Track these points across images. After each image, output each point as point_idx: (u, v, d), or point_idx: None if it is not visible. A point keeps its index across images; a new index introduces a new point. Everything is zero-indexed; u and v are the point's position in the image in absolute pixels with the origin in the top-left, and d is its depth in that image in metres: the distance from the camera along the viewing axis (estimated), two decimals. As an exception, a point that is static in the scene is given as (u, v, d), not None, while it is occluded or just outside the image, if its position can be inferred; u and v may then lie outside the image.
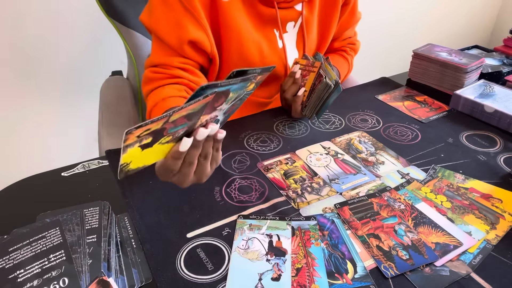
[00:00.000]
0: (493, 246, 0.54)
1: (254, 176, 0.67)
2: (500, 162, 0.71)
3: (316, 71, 0.76)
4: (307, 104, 0.78)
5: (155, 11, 0.75)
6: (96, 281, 0.45)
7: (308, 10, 0.86)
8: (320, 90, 0.74)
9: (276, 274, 0.50)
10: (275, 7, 0.80)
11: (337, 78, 0.74)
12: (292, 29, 0.86)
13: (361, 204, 0.61)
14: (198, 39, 0.75)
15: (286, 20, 0.84)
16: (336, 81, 0.73)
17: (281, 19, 0.83)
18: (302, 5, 0.84)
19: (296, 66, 0.80)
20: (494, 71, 0.99)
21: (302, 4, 0.84)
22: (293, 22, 0.85)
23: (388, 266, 0.51)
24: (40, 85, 1.40)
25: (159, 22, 0.74)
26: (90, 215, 0.55)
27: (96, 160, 0.71)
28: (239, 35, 0.79)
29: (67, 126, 1.53)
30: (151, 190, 0.64)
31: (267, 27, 0.83)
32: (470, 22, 2.39)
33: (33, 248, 0.49)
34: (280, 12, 0.81)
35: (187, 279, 0.49)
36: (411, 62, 1.02)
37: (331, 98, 0.75)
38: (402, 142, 0.77)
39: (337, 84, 0.73)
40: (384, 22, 2.05)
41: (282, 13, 0.82)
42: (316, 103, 0.76)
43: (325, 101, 0.75)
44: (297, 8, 0.84)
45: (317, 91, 0.75)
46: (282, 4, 0.81)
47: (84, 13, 1.33)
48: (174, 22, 0.74)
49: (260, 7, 0.79)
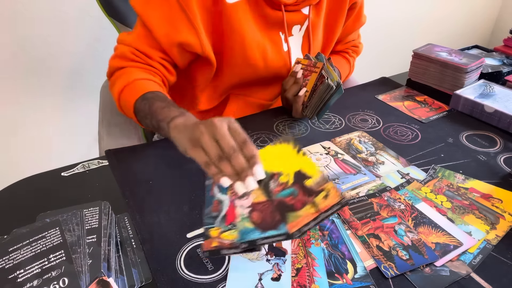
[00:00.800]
0: (493, 246, 0.54)
1: (254, 176, 0.67)
2: (500, 162, 0.71)
3: (318, 72, 0.76)
4: (308, 104, 0.77)
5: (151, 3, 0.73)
6: (96, 281, 0.45)
7: (315, 13, 0.85)
8: (321, 91, 0.74)
9: (276, 274, 0.50)
10: (282, 10, 0.80)
11: (339, 79, 0.73)
12: (298, 32, 0.86)
13: (361, 204, 0.61)
14: (188, 42, 0.74)
15: (292, 23, 0.84)
16: (337, 82, 0.73)
17: (288, 22, 0.82)
18: (309, 9, 0.83)
19: (297, 65, 0.79)
20: (494, 71, 0.99)
21: (309, 8, 0.83)
22: (299, 25, 0.85)
23: (388, 266, 0.51)
24: (40, 85, 1.40)
25: (153, 14, 0.72)
26: (90, 215, 0.55)
27: (96, 160, 0.71)
28: (243, 37, 0.78)
29: (67, 126, 1.53)
30: (151, 190, 0.64)
31: (273, 30, 0.82)
32: (470, 22, 2.39)
33: (33, 248, 0.49)
34: (286, 15, 0.81)
35: (187, 279, 0.49)
36: (411, 62, 1.02)
37: (333, 99, 0.75)
38: (402, 142, 0.77)
39: (338, 85, 0.73)
40: (384, 22, 2.05)
41: (288, 16, 0.81)
42: (317, 103, 0.76)
43: (327, 102, 0.75)
44: (304, 12, 0.83)
45: (319, 92, 0.74)
46: (289, 7, 0.80)
47: (84, 13, 1.33)
48: (168, 19, 0.72)
49: (267, 9, 0.79)
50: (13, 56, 1.31)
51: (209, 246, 0.48)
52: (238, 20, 0.76)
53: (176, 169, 0.68)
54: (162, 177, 0.66)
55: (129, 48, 0.75)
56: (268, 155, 0.55)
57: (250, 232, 0.47)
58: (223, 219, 0.51)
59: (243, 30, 0.77)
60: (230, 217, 0.50)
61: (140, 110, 0.70)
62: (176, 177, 0.66)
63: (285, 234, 0.45)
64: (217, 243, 0.48)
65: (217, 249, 0.47)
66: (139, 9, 0.74)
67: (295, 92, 0.79)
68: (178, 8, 0.72)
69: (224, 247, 0.47)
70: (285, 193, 0.50)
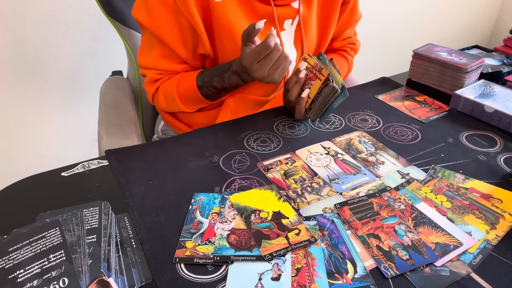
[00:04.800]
0: (493, 246, 0.54)
1: (254, 176, 0.67)
2: (500, 162, 0.71)
3: (322, 80, 0.74)
4: (311, 106, 0.77)
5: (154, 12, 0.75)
6: (96, 281, 0.45)
7: (306, 7, 0.85)
8: (326, 93, 0.74)
9: (276, 274, 0.50)
10: (272, 5, 0.80)
11: (343, 82, 0.73)
12: (290, 27, 0.86)
13: (361, 204, 0.61)
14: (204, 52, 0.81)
15: (283, 18, 0.83)
16: (342, 85, 0.73)
17: (278, 16, 0.82)
18: (299, 3, 0.83)
19: (303, 64, 0.78)
20: (494, 71, 0.99)
21: (298, 2, 0.83)
22: (291, 19, 0.85)
23: (388, 266, 0.51)
24: (40, 85, 1.40)
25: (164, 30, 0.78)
26: (90, 215, 0.55)
27: (96, 160, 0.71)
28: (233, 34, 0.78)
29: (67, 126, 1.53)
30: (151, 190, 0.64)
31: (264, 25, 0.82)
32: (470, 22, 2.39)
33: (33, 248, 0.49)
34: (276, 9, 0.81)
35: (187, 279, 0.49)
36: (411, 62, 1.02)
37: (337, 102, 0.75)
38: (402, 142, 0.77)
39: (343, 88, 0.73)
40: (384, 22, 2.05)
41: (278, 10, 0.81)
42: (321, 106, 0.75)
43: (330, 104, 0.75)
44: (294, 6, 0.83)
45: (323, 95, 0.74)
46: (278, 2, 0.80)
47: (84, 13, 1.34)
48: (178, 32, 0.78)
49: (256, 4, 0.79)
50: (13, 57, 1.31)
51: (182, 255, 0.52)
52: (227, 17, 0.77)
53: (176, 169, 0.68)
54: (162, 177, 0.66)
55: (156, 71, 0.84)
56: (253, 195, 0.62)
57: (224, 250, 0.53)
58: (200, 236, 0.55)
59: (233, 26, 0.78)
60: (208, 235, 0.55)
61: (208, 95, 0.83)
62: (176, 177, 0.66)
63: (257, 256, 0.52)
64: (190, 253, 0.52)
65: (190, 258, 0.52)
66: (145, 23, 0.78)
67: (297, 93, 0.78)
68: (181, 15, 0.75)
69: (197, 256, 0.52)
70: (263, 225, 0.57)
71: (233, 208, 0.60)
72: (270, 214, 0.59)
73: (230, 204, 0.60)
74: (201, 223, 0.57)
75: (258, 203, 0.61)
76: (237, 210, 0.59)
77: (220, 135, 0.78)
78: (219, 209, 0.59)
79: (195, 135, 0.79)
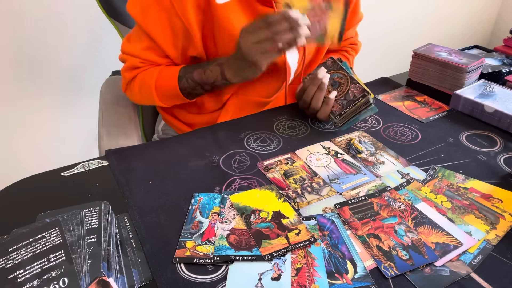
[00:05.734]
0: (493, 246, 0.54)
1: (254, 176, 0.67)
2: (500, 162, 0.71)
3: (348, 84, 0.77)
4: (343, 113, 0.78)
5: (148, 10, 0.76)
6: (96, 281, 0.45)
7: None
8: (360, 104, 0.76)
9: (276, 274, 0.50)
10: (274, 7, 0.80)
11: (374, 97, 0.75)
12: None
13: (361, 204, 0.61)
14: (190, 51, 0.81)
15: None
16: (374, 99, 0.75)
17: None
18: None
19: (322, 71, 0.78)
20: (494, 71, 0.99)
21: None
22: None
23: (388, 266, 0.51)
24: (40, 85, 1.40)
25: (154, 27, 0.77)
26: (90, 215, 0.55)
27: (96, 160, 0.71)
28: (235, 36, 0.78)
29: (67, 126, 1.53)
30: (151, 190, 0.64)
31: None
32: (470, 22, 2.39)
33: (33, 248, 0.49)
34: None
35: (187, 279, 0.49)
36: (411, 62, 1.02)
37: (364, 114, 0.77)
38: (402, 142, 0.77)
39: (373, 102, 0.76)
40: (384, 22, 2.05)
41: None
42: (350, 115, 0.77)
43: (357, 114, 0.77)
44: None
45: (357, 105, 0.76)
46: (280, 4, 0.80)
47: (84, 13, 1.34)
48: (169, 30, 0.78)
49: (258, 6, 0.79)
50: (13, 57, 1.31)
51: (182, 255, 0.52)
52: (229, 20, 0.77)
53: (176, 169, 0.68)
54: (162, 177, 0.66)
55: (138, 59, 0.82)
56: (253, 195, 0.62)
57: (224, 250, 0.53)
58: (200, 236, 0.55)
59: (235, 29, 0.78)
60: (208, 235, 0.55)
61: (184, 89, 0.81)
62: (176, 177, 0.66)
63: (257, 256, 0.52)
64: (190, 253, 0.52)
65: (190, 258, 0.52)
66: (138, 19, 0.78)
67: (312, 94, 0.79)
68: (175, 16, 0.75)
69: (197, 256, 0.52)
70: (263, 225, 0.57)
71: (233, 208, 0.60)
72: (270, 214, 0.59)
73: (230, 204, 0.60)
74: (201, 223, 0.57)
75: (258, 203, 0.61)
76: (237, 210, 0.59)
77: (220, 135, 0.78)
78: (219, 209, 0.60)
79: (195, 135, 0.79)
